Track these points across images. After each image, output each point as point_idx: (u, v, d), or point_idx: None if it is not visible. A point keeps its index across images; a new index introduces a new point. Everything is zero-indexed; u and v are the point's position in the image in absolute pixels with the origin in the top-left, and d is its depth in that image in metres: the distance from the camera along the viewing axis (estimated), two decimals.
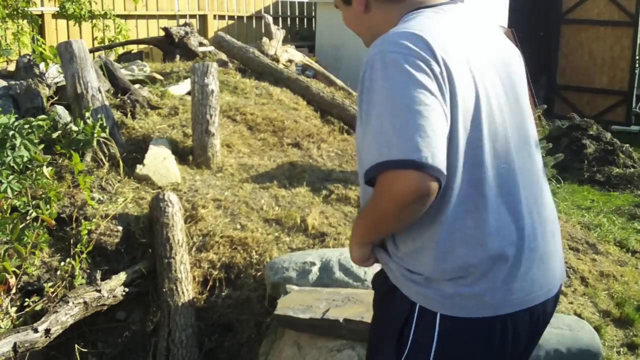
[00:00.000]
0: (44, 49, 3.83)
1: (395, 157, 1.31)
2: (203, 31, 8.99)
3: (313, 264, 2.81)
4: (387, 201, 1.36)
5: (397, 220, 1.40)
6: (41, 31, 7.02)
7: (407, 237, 1.47)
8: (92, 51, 5.50)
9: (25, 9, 5.95)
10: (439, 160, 1.31)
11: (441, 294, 1.42)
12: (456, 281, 1.42)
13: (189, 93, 4.19)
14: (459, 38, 1.48)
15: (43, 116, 3.23)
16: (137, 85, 4.38)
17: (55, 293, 2.68)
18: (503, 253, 1.43)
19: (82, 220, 2.89)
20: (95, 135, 3.23)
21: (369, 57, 1.43)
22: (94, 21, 6.48)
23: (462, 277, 1.41)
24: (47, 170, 2.91)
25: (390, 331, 1.52)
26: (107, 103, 3.58)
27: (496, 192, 1.43)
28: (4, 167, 2.73)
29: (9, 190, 2.66)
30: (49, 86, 3.83)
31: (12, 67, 4.76)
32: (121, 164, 3.33)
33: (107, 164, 3.32)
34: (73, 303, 2.53)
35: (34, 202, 2.82)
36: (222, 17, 9.63)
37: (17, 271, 2.64)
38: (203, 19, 9.26)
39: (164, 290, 2.76)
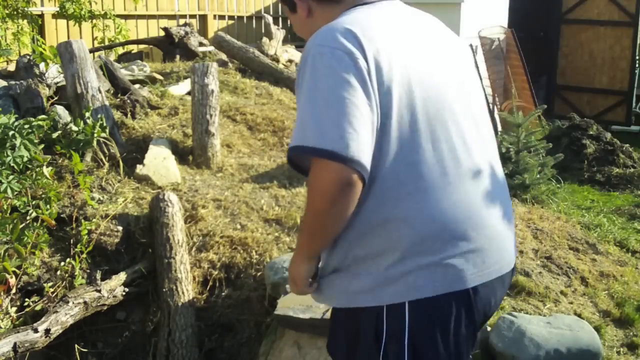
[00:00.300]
0: (44, 49, 3.83)
1: (316, 145, 1.39)
2: (203, 31, 8.99)
3: None
4: (316, 194, 1.44)
5: (329, 218, 1.45)
6: (41, 31, 7.02)
7: (356, 236, 1.50)
8: (92, 51, 5.50)
9: (25, 9, 5.95)
10: (358, 150, 1.38)
11: (403, 282, 1.46)
12: (413, 262, 1.45)
13: (189, 93, 4.19)
14: (392, 31, 1.53)
15: (43, 116, 3.23)
16: (137, 85, 4.38)
17: (55, 293, 2.68)
18: (452, 233, 1.47)
19: (82, 220, 2.89)
20: (95, 135, 3.23)
21: (304, 51, 1.51)
22: (94, 21, 6.47)
23: (417, 259, 1.46)
24: (47, 170, 2.91)
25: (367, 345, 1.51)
26: (107, 103, 3.58)
27: (439, 173, 1.47)
28: (4, 167, 2.73)
29: (9, 190, 2.66)
30: (49, 86, 3.83)
31: (12, 67, 4.76)
32: (121, 164, 3.33)
33: (107, 164, 3.32)
34: (73, 303, 2.53)
35: (34, 202, 2.82)
36: (222, 17, 9.63)
37: (17, 271, 2.65)
38: (203, 19, 9.26)
39: (164, 290, 2.76)
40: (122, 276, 2.79)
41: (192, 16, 9.06)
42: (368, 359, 1.51)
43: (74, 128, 3.24)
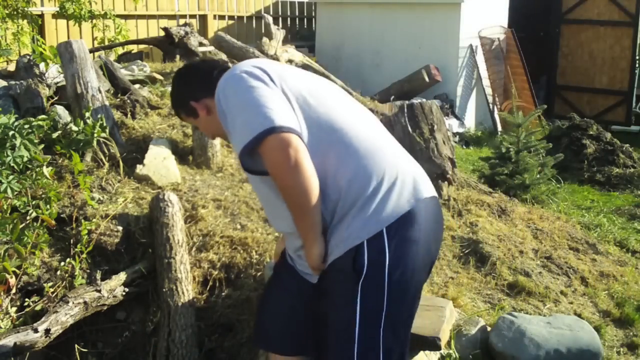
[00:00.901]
0: (44, 49, 3.83)
1: (252, 136, 1.75)
2: (203, 31, 8.99)
3: None
4: (278, 172, 1.78)
5: (303, 183, 1.76)
6: (41, 31, 7.02)
7: (334, 190, 1.85)
8: (92, 51, 5.50)
9: (25, 9, 5.95)
10: (284, 119, 1.77)
11: (384, 212, 1.82)
12: (380, 196, 1.84)
13: None
14: (277, 66, 1.99)
15: (43, 116, 3.23)
16: (137, 85, 4.38)
17: (55, 293, 2.68)
18: (395, 174, 1.88)
19: (82, 220, 2.89)
20: (95, 135, 3.23)
21: (221, 82, 1.91)
22: (94, 21, 6.48)
23: (383, 193, 1.84)
24: (47, 170, 2.90)
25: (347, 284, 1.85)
26: (107, 103, 3.58)
27: (367, 143, 1.90)
28: (4, 167, 2.73)
29: (9, 190, 2.66)
30: (49, 86, 3.83)
31: (12, 67, 4.76)
32: (121, 164, 3.33)
33: (107, 164, 3.32)
34: (73, 303, 2.53)
35: (34, 202, 2.82)
36: (222, 17, 9.63)
37: (17, 271, 2.65)
38: (203, 19, 9.26)
39: (164, 290, 2.76)
40: (122, 276, 2.79)
41: (192, 16, 9.06)
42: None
43: (74, 128, 3.24)
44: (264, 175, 1.86)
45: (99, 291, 2.65)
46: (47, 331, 2.40)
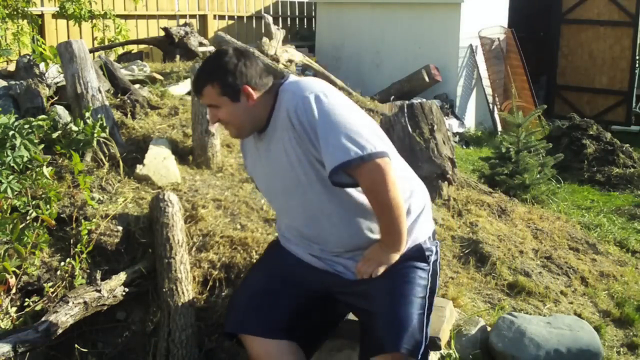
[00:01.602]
0: (44, 49, 3.83)
1: (371, 150, 2.02)
2: (203, 31, 8.99)
3: None
4: (386, 187, 2.05)
5: (397, 197, 2.09)
6: (41, 31, 7.02)
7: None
8: (92, 51, 5.50)
9: (25, 9, 5.95)
10: (381, 145, 2.08)
11: (431, 220, 2.39)
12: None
13: (189, 93, 4.19)
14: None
15: (43, 116, 3.23)
16: (137, 85, 4.37)
17: (55, 293, 2.68)
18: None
19: (82, 220, 2.89)
20: (95, 135, 3.23)
21: (308, 96, 2.07)
22: (94, 21, 6.48)
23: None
24: (47, 170, 2.90)
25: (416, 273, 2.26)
26: (107, 103, 3.58)
27: None
28: (4, 167, 2.73)
29: (9, 190, 2.66)
30: (49, 86, 3.83)
31: (12, 67, 4.76)
32: (121, 164, 3.33)
33: (107, 164, 3.31)
34: (73, 303, 2.53)
35: (34, 202, 2.81)
36: (222, 17, 9.63)
37: (17, 271, 2.64)
38: (203, 19, 9.26)
39: (164, 290, 2.76)
40: (122, 276, 2.78)
41: (192, 16, 9.06)
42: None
43: (74, 128, 3.24)
44: (347, 188, 2.14)
45: (99, 291, 2.65)
46: (47, 331, 2.40)
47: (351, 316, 2.49)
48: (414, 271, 2.24)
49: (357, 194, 2.17)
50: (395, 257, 2.20)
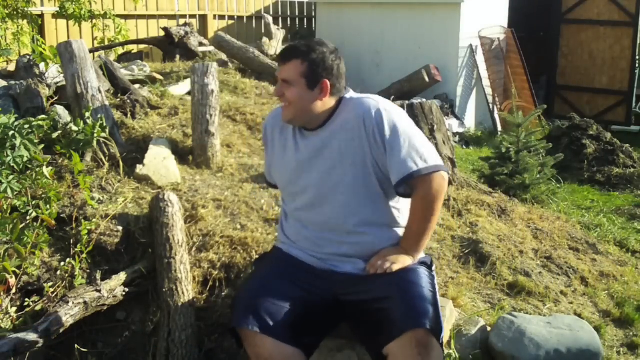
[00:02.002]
0: (44, 49, 3.83)
1: (436, 163, 2.27)
2: (203, 31, 8.99)
3: None
4: (439, 200, 2.29)
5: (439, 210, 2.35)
6: (41, 31, 7.02)
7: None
8: (92, 51, 5.50)
9: (25, 9, 5.95)
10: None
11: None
12: None
13: (189, 93, 4.19)
14: None
15: (43, 116, 3.23)
16: (137, 85, 4.38)
17: (55, 293, 2.68)
18: None
19: (82, 220, 2.89)
20: (95, 135, 3.23)
21: (381, 110, 2.27)
22: (94, 21, 6.48)
23: None
24: (47, 170, 2.90)
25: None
26: (107, 103, 3.58)
27: None
28: (4, 167, 2.73)
29: (9, 190, 2.66)
30: (49, 86, 3.83)
31: (12, 67, 4.76)
32: (121, 164, 3.33)
33: (107, 164, 3.32)
34: (73, 303, 2.54)
35: (34, 202, 2.81)
36: (222, 17, 9.63)
37: (17, 271, 2.65)
38: (203, 19, 9.26)
39: (164, 290, 2.76)
40: (122, 276, 2.79)
41: (192, 16, 9.06)
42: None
43: (74, 128, 3.24)
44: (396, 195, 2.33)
45: (99, 291, 2.65)
46: (47, 331, 2.40)
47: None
48: (420, 270, 2.37)
49: (394, 203, 2.38)
50: (409, 262, 2.33)
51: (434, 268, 2.46)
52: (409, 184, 2.27)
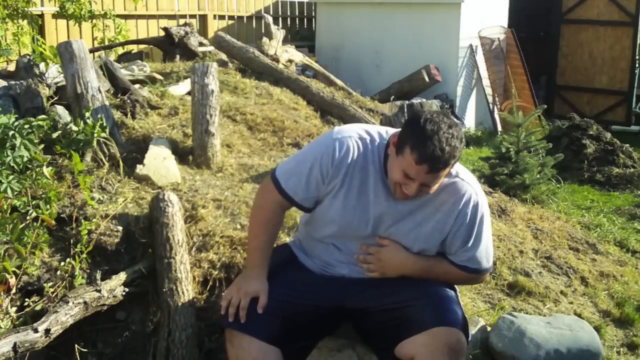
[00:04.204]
0: (44, 49, 3.83)
1: (492, 262, 2.42)
2: (203, 31, 8.99)
3: None
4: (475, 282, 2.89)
5: None
6: (41, 31, 7.02)
7: None
8: (92, 51, 5.50)
9: (25, 9, 5.95)
10: None
11: None
12: None
13: (189, 93, 4.19)
14: None
15: (43, 116, 3.23)
16: (137, 85, 4.37)
17: (55, 293, 2.68)
18: None
19: (82, 220, 2.89)
20: (95, 135, 3.23)
21: (476, 206, 2.27)
22: (94, 21, 6.48)
23: None
24: (47, 170, 2.90)
25: None
26: (107, 103, 3.58)
27: None
28: (4, 167, 2.73)
29: (9, 190, 2.66)
30: (49, 86, 3.83)
31: (12, 67, 4.76)
32: (121, 164, 3.33)
33: (107, 164, 3.32)
34: (73, 303, 2.53)
35: (34, 202, 2.81)
36: (222, 17, 9.63)
37: (17, 271, 2.64)
38: (203, 19, 9.26)
39: (164, 290, 2.76)
40: (122, 276, 2.78)
41: (192, 16, 9.06)
42: None
43: (74, 128, 3.24)
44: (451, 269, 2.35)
45: (99, 291, 2.65)
46: (47, 331, 2.40)
47: None
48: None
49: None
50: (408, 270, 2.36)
51: None
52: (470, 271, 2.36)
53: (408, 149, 2.05)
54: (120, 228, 2.96)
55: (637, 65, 9.82)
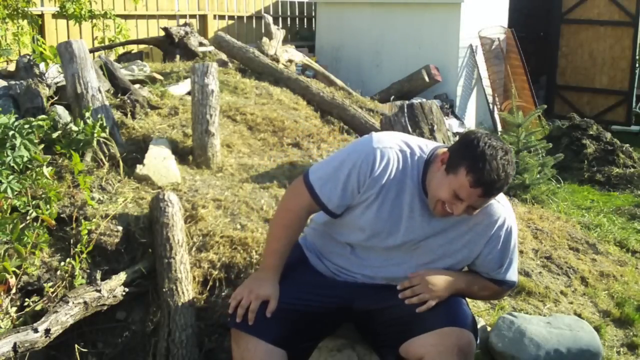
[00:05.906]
0: (44, 49, 3.83)
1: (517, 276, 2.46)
2: (203, 31, 8.99)
3: None
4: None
5: None
6: (41, 31, 7.02)
7: None
8: (92, 51, 5.50)
9: (25, 9, 5.95)
10: None
11: None
12: None
13: (189, 93, 4.19)
14: None
15: (43, 116, 3.23)
16: (137, 85, 4.38)
17: (55, 293, 2.68)
18: None
19: (82, 220, 2.89)
20: (95, 135, 3.23)
21: (509, 230, 2.30)
22: (94, 21, 6.47)
23: None
24: (47, 170, 2.90)
25: None
26: (107, 103, 3.58)
27: None
28: (4, 167, 2.73)
29: (9, 190, 2.66)
30: (49, 86, 3.83)
31: (12, 67, 4.76)
32: (121, 164, 3.33)
33: (107, 164, 3.32)
34: (73, 303, 2.53)
35: (34, 202, 2.81)
36: (222, 17, 9.63)
37: (17, 271, 2.65)
38: (203, 19, 9.26)
39: (164, 290, 2.76)
40: (122, 276, 2.79)
41: (192, 16, 9.06)
42: None
43: (74, 128, 3.24)
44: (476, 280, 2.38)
45: (99, 291, 2.65)
46: (47, 331, 2.40)
47: None
48: None
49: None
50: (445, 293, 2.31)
51: None
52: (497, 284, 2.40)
53: (463, 171, 2.02)
54: (120, 228, 2.96)
55: (637, 65, 9.82)
